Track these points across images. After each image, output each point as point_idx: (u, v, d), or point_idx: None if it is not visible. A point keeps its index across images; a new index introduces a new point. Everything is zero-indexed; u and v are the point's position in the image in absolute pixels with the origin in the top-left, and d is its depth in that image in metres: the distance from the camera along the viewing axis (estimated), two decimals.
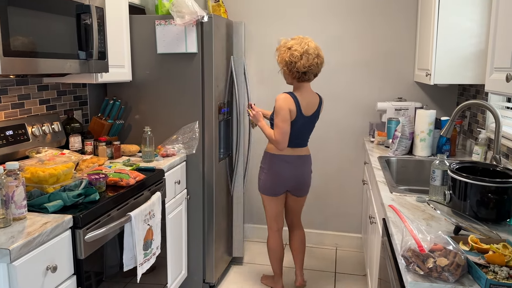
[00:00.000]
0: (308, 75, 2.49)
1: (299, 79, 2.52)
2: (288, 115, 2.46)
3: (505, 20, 1.47)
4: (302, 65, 2.43)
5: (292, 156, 2.60)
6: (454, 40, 2.53)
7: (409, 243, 1.23)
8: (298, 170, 2.63)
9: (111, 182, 1.98)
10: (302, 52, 2.43)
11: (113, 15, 2.40)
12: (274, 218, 2.76)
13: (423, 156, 2.70)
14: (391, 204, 1.77)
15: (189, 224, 2.78)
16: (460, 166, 1.73)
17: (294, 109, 2.49)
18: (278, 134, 2.47)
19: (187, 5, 2.46)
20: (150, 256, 2.11)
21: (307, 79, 2.52)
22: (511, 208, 1.55)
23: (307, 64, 2.44)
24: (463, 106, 2.06)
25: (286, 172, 2.61)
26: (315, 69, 2.49)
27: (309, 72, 2.48)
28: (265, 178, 2.65)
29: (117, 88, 2.76)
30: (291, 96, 2.50)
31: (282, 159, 2.59)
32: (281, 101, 2.47)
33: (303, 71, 2.46)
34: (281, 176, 2.61)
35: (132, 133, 2.79)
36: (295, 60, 2.43)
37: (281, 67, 2.53)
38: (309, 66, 2.45)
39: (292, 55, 2.43)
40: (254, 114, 2.63)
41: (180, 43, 2.58)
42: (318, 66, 2.49)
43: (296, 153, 2.61)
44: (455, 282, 1.15)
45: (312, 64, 2.45)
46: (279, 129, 2.46)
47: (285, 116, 2.46)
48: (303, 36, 2.52)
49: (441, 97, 3.28)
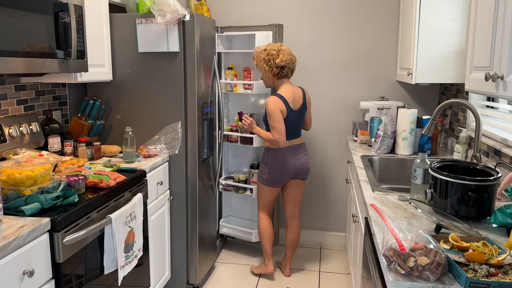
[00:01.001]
0: (286, 70, 2.76)
1: (278, 75, 2.77)
2: (280, 115, 2.71)
3: (483, 20, 1.48)
4: (280, 60, 2.72)
5: (291, 147, 2.85)
6: (435, 39, 2.55)
7: (390, 243, 1.23)
8: (298, 157, 2.89)
9: (90, 184, 1.95)
10: (278, 50, 2.73)
11: (92, 14, 2.36)
12: (269, 204, 3.00)
13: (405, 154, 2.72)
14: (372, 203, 1.77)
15: (173, 225, 2.75)
16: (440, 164, 1.74)
17: (284, 108, 2.73)
18: (276, 134, 2.72)
19: (168, 4, 2.43)
20: (131, 258, 2.08)
21: (285, 74, 2.78)
22: (491, 206, 1.57)
23: (284, 59, 2.72)
24: (444, 105, 2.08)
25: (290, 161, 2.85)
26: (291, 65, 2.77)
27: (287, 67, 2.75)
28: (270, 171, 2.87)
29: (98, 88, 2.72)
30: (279, 97, 2.73)
31: (283, 152, 2.83)
32: (272, 104, 2.70)
33: (281, 65, 2.73)
34: (285, 167, 2.84)
35: (113, 134, 2.74)
36: (273, 57, 2.73)
37: (261, 66, 2.76)
38: (286, 61, 2.73)
39: (269, 53, 2.74)
40: (248, 123, 2.84)
41: (161, 42, 2.55)
42: (293, 63, 2.78)
43: (293, 143, 2.87)
44: (436, 280, 1.15)
45: (288, 60, 2.74)
46: (275, 129, 2.71)
47: (278, 117, 2.70)
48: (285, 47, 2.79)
49: (423, 96, 3.32)
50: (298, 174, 2.92)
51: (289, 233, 3.08)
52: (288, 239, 3.09)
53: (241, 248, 3.61)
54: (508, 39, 1.27)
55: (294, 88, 2.82)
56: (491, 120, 2.43)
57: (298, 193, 3.02)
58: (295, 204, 3.04)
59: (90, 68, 2.31)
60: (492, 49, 1.40)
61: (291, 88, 2.80)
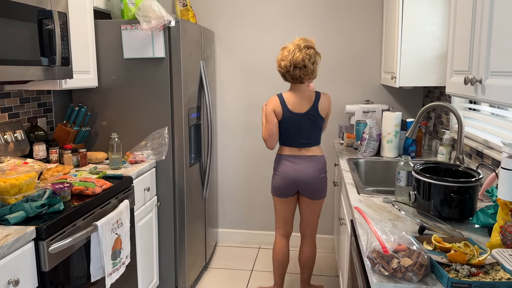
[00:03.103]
0: (287, 78, 2.54)
1: (286, 80, 2.59)
2: (271, 115, 2.55)
3: (462, 25, 1.52)
4: (278, 65, 2.55)
5: (294, 156, 2.58)
6: (418, 43, 2.60)
7: (373, 245, 1.25)
8: (301, 169, 2.56)
9: (76, 191, 1.94)
10: (281, 59, 2.52)
11: (77, 20, 2.35)
12: (280, 221, 2.72)
13: (390, 157, 2.76)
14: (358, 205, 1.79)
15: (161, 231, 2.75)
16: (423, 166, 1.78)
17: (279, 108, 2.53)
18: (264, 133, 2.60)
19: (153, 10, 2.44)
20: (119, 265, 2.07)
21: (288, 80, 2.56)
22: (473, 207, 1.60)
23: (282, 64, 2.51)
24: (427, 108, 2.11)
25: (290, 171, 2.57)
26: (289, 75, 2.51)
27: (287, 75, 2.52)
28: (273, 179, 2.67)
29: (83, 94, 2.70)
30: (278, 96, 2.57)
31: (284, 159, 2.60)
32: (267, 103, 2.59)
33: (281, 72, 2.54)
34: (285, 176, 2.58)
35: (99, 140, 2.73)
36: (278, 62, 2.55)
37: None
38: (283, 67, 2.50)
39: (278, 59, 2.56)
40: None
41: (147, 48, 2.55)
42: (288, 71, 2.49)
43: (300, 153, 2.58)
44: (419, 281, 1.17)
45: (284, 66, 2.50)
46: (265, 128, 2.60)
47: (268, 117, 2.56)
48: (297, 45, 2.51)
49: (407, 99, 3.36)
50: (301, 189, 2.60)
51: (300, 253, 2.79)
52: (300, 261, 2.80)
53: (231, 253, 3.61)
54: (485, 44, 1.30)
55: (306, 91, 2.56)
56: (474, 122, 2.47)
57: (308, 212, 2.68)
58: (306, 224, 2.71)
59: (75, 74, 2.30)
60: (470, 54, 1.43)
61: (301, 92, 2.55)
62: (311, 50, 2.50)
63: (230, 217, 3.76)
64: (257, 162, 3.64)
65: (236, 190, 3.71)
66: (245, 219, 3.75)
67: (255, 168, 3.65)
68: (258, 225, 3.74)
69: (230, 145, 3.64)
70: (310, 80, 2.61)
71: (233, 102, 3.58)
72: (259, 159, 3.64)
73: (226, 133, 3.63)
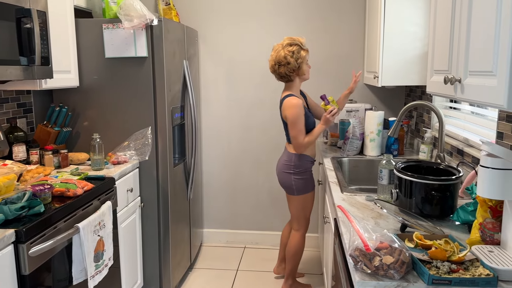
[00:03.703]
0: (276, 77, 2.65)
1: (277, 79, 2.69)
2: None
3: (442, 25, 1.54)
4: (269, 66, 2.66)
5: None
6: (400, 43, 2.62)
7: (356, 243, 1.25)
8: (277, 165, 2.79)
9: (57, 193, 1.91)
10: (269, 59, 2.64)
11: (57, 19, 2.31)
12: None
13: (373, 155, 2.78)
14: (341, 204, 1.80)
15: (144, 232, 2.72)
16: (405, 165, 1.80)
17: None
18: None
19: (135, 8, 2.41)
20: (102, 267, 2.04)
21: (278, 79, 2.66)
22: (453, 204, 1.62)
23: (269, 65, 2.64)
24: (408, 107, 2.14)
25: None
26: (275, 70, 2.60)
27: (275, 74, 2.64)
28: None
29: (64, 94, 2.66)
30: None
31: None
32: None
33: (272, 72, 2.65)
34: None
35: (80, 141, 2.69)
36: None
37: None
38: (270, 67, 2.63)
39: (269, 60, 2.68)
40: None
41: (129, 47, 2.52)
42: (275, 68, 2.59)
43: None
44: (401, 279, 1.18)
45: (271, 66, 2.63)
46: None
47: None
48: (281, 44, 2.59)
49: (389, 98, 3.40)
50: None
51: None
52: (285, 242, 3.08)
53: (217, 253, 3.60)
54: (464, 43, 1.32)
55: (284, 89, 2.68)
56: (454, 120, 2.51)
57: (289, 206, 2.79)
58: (292, 216, 2.81)
59: (55, 74, 2.27)
60: (450, 54, 1.45)
61: (285, 90, 2.66)
62: (294, 46, 2.54)
63: (215, 217, 3.75)
64: (242, 162, 3.64)
65: (221, 190, 3.70)
66: (230, 219, 3.74)
67: (240, 167, 3.65)
68: (244, 225, 3.74)
69: (215, 144, 3.63)
70: (301, 78, 2.64)
71: (217, 101, 3.57)
72: (244, 159, 3.63)
73: (210, 132, 3.62)
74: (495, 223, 1.34)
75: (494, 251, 1.28)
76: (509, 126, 1.75)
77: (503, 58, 1.07)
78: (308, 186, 2.69)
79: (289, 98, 2.55)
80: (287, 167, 2.66)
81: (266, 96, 3.52)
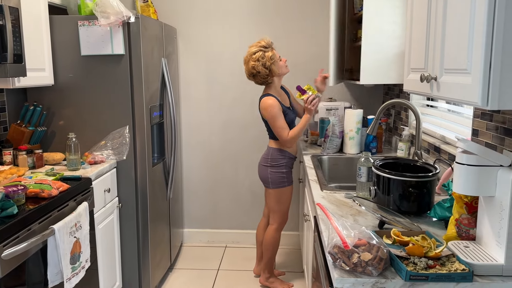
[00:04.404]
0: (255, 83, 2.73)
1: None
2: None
3: (418, 23, 1.55)
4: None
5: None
6: (379, 42, 2.64)
7: (334, 240, 1.26)
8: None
9: (31, 194, 1.86)
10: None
11: (30, 16, 2.25)
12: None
13: (352, 153, 2.80)
14: (321, 201, 1.81)
15: (123, 233, 2.68)
16: (383, 162, 1.81)
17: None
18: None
19: (111, 5, 2.37)
20: (78, 270, 2.00)
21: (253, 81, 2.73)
22: (430, 200, 1.64)
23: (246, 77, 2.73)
24: (386, 105, 2.16)
25: None
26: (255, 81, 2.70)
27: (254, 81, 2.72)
28: None
29: (38, 93, 2.60)
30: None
31: None
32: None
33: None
34: None
35: (56, 140, 2.63)
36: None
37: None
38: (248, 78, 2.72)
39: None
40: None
41: (105, 45, 2.48)
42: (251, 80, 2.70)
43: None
44: (379, 275, 1.19)
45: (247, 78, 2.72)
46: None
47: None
48: (247, 54, 2.66)
49: (368, 96, 3.43)
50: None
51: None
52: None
53: (197, 252, 3.57)
54: (439, 42, 1.33)
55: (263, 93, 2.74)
56: (431, 118, 2.55)
57: (266, 199, 2.87)
58: (269, 210, 2.89)
59: (29, 72, 2.21)
60: (426, 52, 1.46)
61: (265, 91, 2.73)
62: (258, 53, 2.60)
63: (195, 216, 3.72)
64: (222, 160, 3.62)
65: (202, 189, 3.68)
66: (211, 218, 3.72)
67: (220, 166, 3.63)
68: (224, 224, 3.72)
69: (195, 143, 3.60)
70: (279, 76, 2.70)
71: (197, 99, 3.54)
72: (224, 158, 3.62)
73: (190, 131, 3.59)
74: (470, 219, 1.36)
75: (469, 247, 1.30)
76: (484, 124, 1.78)
77: (477, 56, 1.09)
78: (284, 181, 2.74)
79: (265, 98, 2.64)
80: (265, 161, 2.76)
81: (246, 93, 3.51)
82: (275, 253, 2.93)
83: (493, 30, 1.05)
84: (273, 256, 2.93)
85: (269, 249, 2.89)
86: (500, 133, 1.65)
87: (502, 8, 1.03)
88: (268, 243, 2.88)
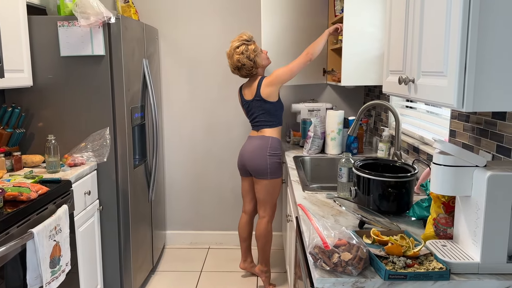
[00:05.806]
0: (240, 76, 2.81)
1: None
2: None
3: (397, 26, 1.58)
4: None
5: (249, 137, 2.87)
6: (359, 44, 2.67)
7: (315, 240, 1.27)
8: (244, 148, 2.83)
9: (9, 197, 1.82)
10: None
11: (8, 16, 2.21)
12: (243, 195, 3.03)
13: (334, 154, 2.83)
14: (302, 202, 1.82)
15: (104, 236, 2.65)
16: (363, 163, 1.84)
17: (239, 96, 2.90)
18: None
19: (91, 6, 2.35)
20: (58, 273, 1.97)
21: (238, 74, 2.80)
22: (409, 200, 1.67)
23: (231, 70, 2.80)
24: (366, 107, 2.19)
25: (241, 151, 2.87)
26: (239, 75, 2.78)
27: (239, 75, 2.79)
28: None
29: (17, 94, 2.55)
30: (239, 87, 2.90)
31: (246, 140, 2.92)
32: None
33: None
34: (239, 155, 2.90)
35: (35, 142, 2.59)
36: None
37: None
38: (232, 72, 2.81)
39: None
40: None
41: (85, 46, 2.45)
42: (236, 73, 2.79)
43: (253, 134, 2.85)
44: (359, 275, 1.21)
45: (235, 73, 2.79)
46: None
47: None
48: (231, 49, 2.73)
49: (349, 97, 3.47)
50: (248, 167, 2.79)
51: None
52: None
53: (180, 254, 3.55)
54: (417, 45, 1.36)
55: (252, 81, 2.79)
56: (410, 119, 2.59)
57: (257, 192, 2.83)
58: (258, 203, 2.86)
59: (7, 73, 2.17)
60: (404, 54, 1.49)
61: (251, 80, 2.80)
62: (241, 47, 2.68)
63: (178, 218, 3.70)
64: (206, 161, 3.61)
65: (184, 191, 3.66)
66: (193, 220, 3.71)
67: (203, 167, 3.62)
68: (207, 225, 3.71)
69: (177, 144, 3.58)
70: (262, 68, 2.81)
71: (179, 100, 3.52)
72: (207, 159, 3.61)
73: (172, 132, 3.57)
74: (448, 218, 1.39)
75: (447, 245, 1.33)
76: (461, 125, 1.82)
77: (453, 59, 1.12)
78: (280, 170, 2.81)
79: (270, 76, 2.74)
80: (264, 150, 2.73)
81: (229, 94, 3.51)
82: (271, 246, 2.98)
83: (467, 34, 1.07)
84: (270, 248, 2.96)
85: (268, 242, 2.92)
86: (476, 134, 1.69)
87: (476, 13, 1.06)
88: (264, 236, 2.90)
